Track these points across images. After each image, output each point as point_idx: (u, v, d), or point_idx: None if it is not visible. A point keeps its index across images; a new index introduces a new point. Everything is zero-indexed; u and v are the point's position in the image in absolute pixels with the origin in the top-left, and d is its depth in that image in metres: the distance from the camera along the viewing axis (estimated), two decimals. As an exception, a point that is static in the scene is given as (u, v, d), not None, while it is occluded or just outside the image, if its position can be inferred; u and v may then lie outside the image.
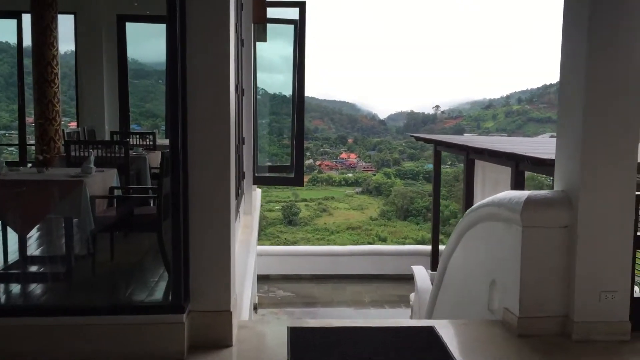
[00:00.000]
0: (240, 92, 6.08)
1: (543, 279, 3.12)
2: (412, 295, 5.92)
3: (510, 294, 3.24)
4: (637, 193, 3.02)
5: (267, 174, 8.04)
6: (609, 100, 2.92)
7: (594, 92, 2.91)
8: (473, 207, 3.88)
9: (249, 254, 5.09)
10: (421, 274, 5.58)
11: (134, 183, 5.25)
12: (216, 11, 2.81)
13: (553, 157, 5.46)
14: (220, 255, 2.99)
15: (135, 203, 4.51)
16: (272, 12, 8.04)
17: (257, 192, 8.42)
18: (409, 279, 10.14)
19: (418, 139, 10.86)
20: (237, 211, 5.61)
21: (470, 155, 7.92)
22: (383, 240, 45.69)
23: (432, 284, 5.89)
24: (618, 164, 2.95)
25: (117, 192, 4.47)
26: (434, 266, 9.99)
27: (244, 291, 3.81)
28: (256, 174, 7.64)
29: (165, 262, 3.72)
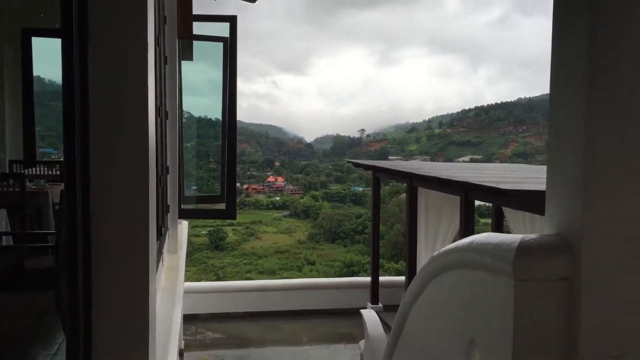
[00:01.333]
0: (163, 115, 5.33)
1: (539, 341, 2.57)
2: (361, 343, 5.34)
3: (497, 359, 2.67)
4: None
5: (195, 206, 7.24)
6: (618, 113, 2.38)
7: (599, 104, 2.34)
8: (442, 250, 3.31)
9: (174, 306, 4.31)
10: (372, 319, 5.00)
11: (32, 225, 4.32)
12: (131, 19, 2.14)
13: (511, 187, 5.09)
14: (135, 326, 2.27)
15: (27, 253, 3.64)
16: (199, 29, 7.36)
17: (184, 226, 7.58)
18: (348, 313, 9.57)
19: (356, 165, 10.38)
20: (160, 253, 4.83)
21: (414, 182, 7.50)
22: (312, 264, 45.45)
23: (383, 328, 5.32)
24: (630, 197, 2.42)
25: (4, 239, 3.59)
26: (374, 299, 9.47)
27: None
28: (182, 207, 6.84)
29: (65, 330, 2.92)
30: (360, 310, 5.24)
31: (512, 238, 2.65)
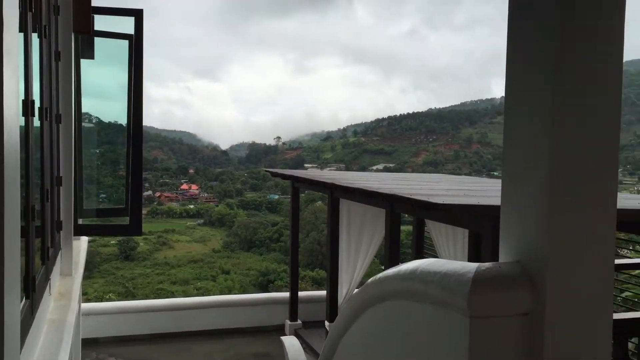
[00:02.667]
0: (53, 117, 4.62)
1: (497, 387, 2.20)
2: (282, 373, 4.89)
3: (447, 407, 2.28)
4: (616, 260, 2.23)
5: (95, 220, 6.44)
6: (587, 115, 2.04)
7: (565, 107, 2.00)
8: (379, 277, 2.91)
9: (62, 341, 3.63)
10: (293, 347, 4.53)
11: None
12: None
13: (442, 200, 4.81)
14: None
15: None
16: (101, 24, 6.61)
17: (82, 242, 6.74)
18: (266, 331, 9.06)
19: (274, 174, 9.89)
20: (47, 279, 4.12)
21: (336, 193, 7.13)
22: (226, 273, 44.34)
23: (305, 356, 4.87)
24: (601, 217, 2.10)
25: None
26: (293, 316, 9.01)
27: None
28: (80, 221, 6.06)
29: None
30: (281, 337, 4.75)
31: (465, 267, 2.27)
